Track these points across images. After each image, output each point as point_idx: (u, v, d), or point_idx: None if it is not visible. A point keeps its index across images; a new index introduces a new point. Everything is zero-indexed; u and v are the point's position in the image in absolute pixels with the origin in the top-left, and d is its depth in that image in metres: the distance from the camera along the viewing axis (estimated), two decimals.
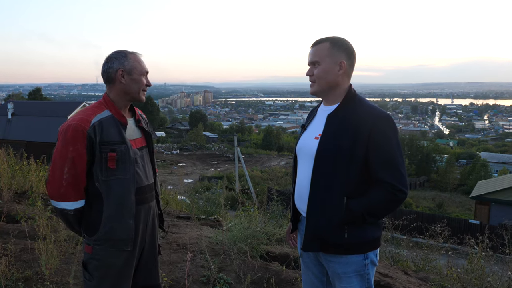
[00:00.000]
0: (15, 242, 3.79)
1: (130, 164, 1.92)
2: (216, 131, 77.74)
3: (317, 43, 1.86)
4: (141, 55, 2.03)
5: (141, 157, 2.03)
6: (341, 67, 1.82)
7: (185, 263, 3.24)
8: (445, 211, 28.11)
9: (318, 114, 1.96)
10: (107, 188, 1.89)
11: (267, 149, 56.67)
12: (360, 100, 1.84)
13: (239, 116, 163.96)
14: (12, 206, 4.97)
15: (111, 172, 1.89)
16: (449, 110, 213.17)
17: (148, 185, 2.04)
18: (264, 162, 44.77)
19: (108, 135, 1.89)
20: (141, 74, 1.98)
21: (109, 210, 1.89)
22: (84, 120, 1.87)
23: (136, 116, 2.10)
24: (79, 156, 1.84)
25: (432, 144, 60.73)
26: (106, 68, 1.97)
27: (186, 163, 43.34)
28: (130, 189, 1.92)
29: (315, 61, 1.84)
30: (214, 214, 5.83)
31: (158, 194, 2.18)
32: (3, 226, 4.22)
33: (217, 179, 34.93)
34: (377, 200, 1.74)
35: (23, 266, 3.27)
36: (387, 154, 1.73)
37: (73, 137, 1.83)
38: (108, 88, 2.00)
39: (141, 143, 2.07)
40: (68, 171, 1.83)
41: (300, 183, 1.91)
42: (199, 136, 60.24)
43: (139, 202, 1.97)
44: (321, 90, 1.87)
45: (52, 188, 1.86)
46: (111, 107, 1.97)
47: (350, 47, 1.85)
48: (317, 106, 2.03)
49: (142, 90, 2.00)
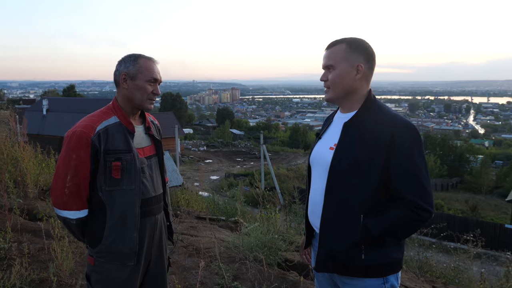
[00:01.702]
0: (34, 241, 3.82)
1: (135, 174, 1.82)
2: (243, 128, 77.87)
3: (332, 45, 1.69)
4: (155, 62, 1.90)
5: (149, 166, 1.93)
6: (358, 71, 1.65)
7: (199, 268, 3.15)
8: (479, 215, 26.98)
9: (334, 122, 1.80)
10: (110, 199, 1.80)
11: (294, 147, 56.27)
12: (380, 106, 1.66)
13: (266, 114, 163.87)
14: (36, 204, 5.04)
15: (116, 182, 1.79)
16: (484, 108, 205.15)
17: (155, 197, 1.93)
18: (290, 160, 44.45)
19: (114, 143, 1.80)
20: (147, 81, 1.85)
21: (112, 221, 1.80)
22: (89, 127, 1.78)
23: (146, 123, 2.00)
24: (82, 164, 1.76)
25: (466, 144, 58.55)
26: (115, 70, 1.89)
27: (213, 160, 43.62)
28: (135, 200, 1.82)
29: (330, 65, 1.68)
30: (234, 216, 5.73)
31: (167, 205, 2.07)
32: (25, 224, 4.27)
33: (243, 176, 34.96)
34: (398, 219, 1.56)
35: (39, 267, 3.27)
36: (409, 168, 1.55)
37: (76, 145, 1.75)
38: (117, 92, 1.91)
39: (150, 151, 1.96)
40: (71, 179, 1.76)
41: (314, 197, 1.76)
42: (226, 133, 60.51)
43: (145, 214, 1.87)
44: (336, 96, 1.70)
45: (54, 195, 1.80)
46: (119, 113, 1.87)
47: (368, 48, 1.67)
48: (333, 113, 1.87)
49: (148, 99, 1.87)
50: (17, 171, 5.69)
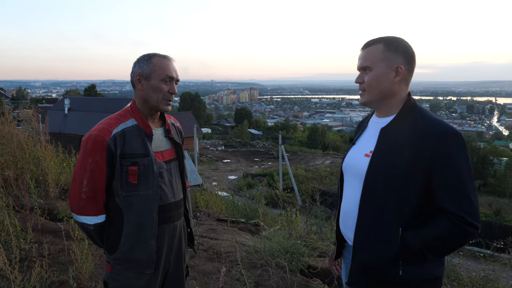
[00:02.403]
0: (54, 242, 3.81)
1: (153, 179, 1.74)
2: (261, 128, 77.79)
3: (369, 45, 1.57)
4: (170, 60, 1.81)
5: (168, 171, 1.84)
6: (397, 73, 1.52)
7: (221, 274, 3.07)
8: (503, 219, 26.18)
9: (369, 127, 1.67)
10: (127, 205, 1.73)
11: (312, 148, 55.85)
12: (422, 112, 1.53)
13: (284, 114, 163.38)
14: (56, 203, 5.05)
15: (132, 187, 1.72)
16: (509, 109, 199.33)
17: (174, 202, 1.85)
18: (308, 161, 44.13)
19: (130, 147, 1.72)
20: (162, 80, 1.76)
21: (129, 228, 1.73)
22: (105, 130, 1.71)
23: (166, 125, 1.91)
24: (98, 169, 1.70)
25: (490, 145, 56.98)
26: (131, 71, 1.82)
27: (231, 159, 43.70)
28: (152, 206, 1.74)
29: (366, 66, 1.55)
30: (254, 218, 5.64)
31: (188, 211, 1.98)
32: (46, 224, 4.28)
33: (261, 176, 34.90)
34: (440, 234, 1.42)
35: (59, 269, 3.24)
36: (454, 179, 1.41)
37: (92, 149, 1.69)
38: (134, 94, 1.84)
39: (169, 155, 1.88)
40: (87, 184, 1.70)
41: (346, 207, 1.64)
42: (244, 133, 60.55)
43: (163, 221, 1.79)
44: (373, 100, 1.58)
45: (72, 200, 1.74)
46: (137, 115, 1.79)
47: (408, 48, 1.54)
48: (368, 117, 1.74)
49: (164, 99, 1.78)
50: (38, 170, 5.73)
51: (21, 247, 3.42)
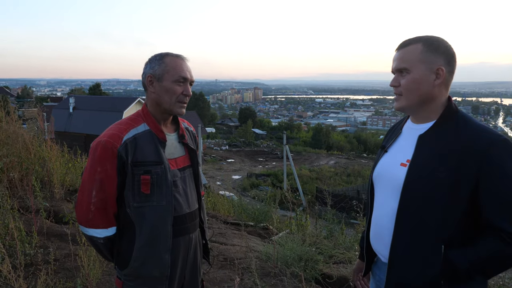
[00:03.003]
0: (60, 246, 3.70)
1: (167, 189, 1.61)
2: (265, 128, 77.65)
3: (406, 45, 1.43)
4: (184, 59, 1.68)
5: (183, 179, 1.71)
6: (438, 76, 1.39)
7: (233, 282, 2.95)
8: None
9: (404, 133, 1.53)
10: (139, 216, 1.60)
11: (316, 148, 55.67)
12: (465, 118, 1.39)
13: (288, 113, 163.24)
14: (62, 205, 4.95)
15: (145, 197, 1.59)
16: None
17: (189, 213, 1.72)
18: (313, 161, 43.95)
19: (142, 154, 1.59)
20: (175, 81, 1.63)
21: (141, 241, 1.60)
22: (115, 136, 1.58)
23: (179, 130, 1.78)
24: (108, 178, 1.57)
25: None
26: (142, 73, 1.69)
27: (235, 159, 43.60)
28: (166, 218, 1.61)
29: (403, 68, 1.41)
30: (263, 221, 5.51)
31: (203, 222, 1.85)
32: (52, 227, 4.17)
33: (265, 176, 34.78)
34: (489, 254, 1.29)
35: (65, 276, 3.13)
36: (506, 192, 1.27)
37: (101, 156, 1.56)
38: (146, 96, 1.71)
39: (183, 162, 1.74)
40: (96, 194, 1.57)
41: (379, 220, 1.50)
42: (248, 133, 60.44)
43: (178, 233, 1.66)
44: (410, 105, 1.44)
45: (79, 212, 1.61)
46: (149, 119, 1.66)
47: (449, 48, 1.41)
48: (401, 122, 1.60)
49: (178, 102, 1.65)
50: (44, 171, 5.64)
51: (26, 252, 3.31)
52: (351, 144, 62.99)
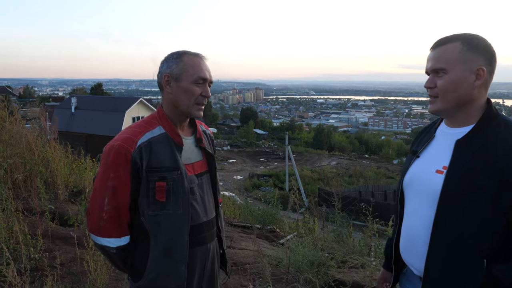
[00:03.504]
0: (65, 249, 3.62)
1: (183, 196, 1.52)
2: (267, 128, 77.55)
3: (443, 43, 1.33)
4: (203, 58, 1.59)
5: (200, 186, 1.61)
6: (478, 76, 1.29)
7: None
8: None
9: (437, 138, 1.43)
10: (154, 225, 1.50)
11: (318, 148, 55.58)
12: (506, 122, 1.30)
13: (289, 114, 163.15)
14: (66, 207, 4.87)
15: (160, 205, 1.50)
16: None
17: (207, 222, 1.62)
18: (314, 162, 43.85)
19: (158, 159, 1.50)
20: (194, 82, 1.53)
21: (156, 252, 1.51)
22: (129, 140, 1.49)
23: (197, 133, 1.68)
24: (122, 185, 1.47)
25: None
26: (157, 73, 1.59)
27: (236, 159, 43.52)
28: (183, 227, 1.52)
29: (440, 68, 1.32)
30: (270, 224, 5.43)
31: (220, 231, 1.75)
32: (56, 229, 4.09)
33: (267, 177, 34.69)
34: None
35: (72, 281, 3.05)
36: None
37: (114, 162, 1.47)
38: (161, 97, 1.62)
39: (201, 167, 1.65)
40: (109, 202, 1.47)
41: (411, 230, 1.41)
42: (249, 133, 60.35)
43: (195, 244, 1.56)
44: (448, 107, 1.34)
45: (91, 220, 1.52)
46: (165, 122, 1.57)
47: (489, 47, 1.31)
48: (433, 125, 1.50)
49: (196, 103, 1.56)
50: (47, 172, 5.56)
51: (31, 257, 3.23)
52: (353, 145, 62.90)
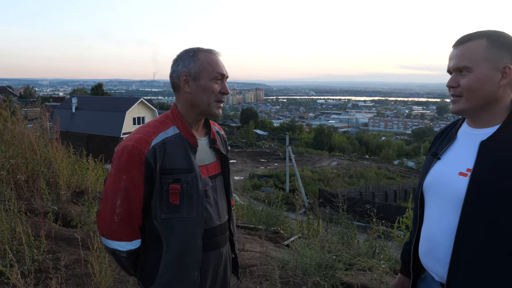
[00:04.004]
0: (68, 251, 3.58)
1: (198, 199, 1.47)
2: (267, 128, 77.56)
3: (466, 41, 1.28)
4: (217, 54, 1.54)
5: (214, 188, 1.57)
6: (504, 75, 1.24)
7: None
8: None
9: (459, 139, 1.38)
10: (167, 229, 1.46)
11: (318, 149, 55.55)
12: None
13: (290, 114, 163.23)
14: (69, 208, 4.83)
15: (174, 208, 1.45)
16: None
17: (220, 225, 1.57)
18: (315, 162, 43.80)
19: (172, 160, 1.45)
20: (213, 79, 1.49)
21: (169, 257, 1.46)
22: (143, 140, 1.43)
23: (211, 133, 1.63)
24: (134, 187, 1.43)
25: None
26: (171, 72, 1.54)
27: (237, 160, 43.47)
28: (196, 231, 1.47)
29: (464, 66, 1.27)
30: (274, 225, 5.39)
31: (233, 235, 1.71)
32: (59, 231, 4.04)
33: (267, 177, 34.64)
34: None
35: (75, 283, 3.01)
36: None
37: (127, 163, 1.41)
38: (176, 98, 1.57)
39: (214, 169, 1.60)
40: (121, 204, 1.43)
41: (433, 236, 1.35)
42: (250, 134, 60.35)
43: (208, 248, 1.52)
44: (472, 107, 1.29)
45: (102, 222, 1.47)
46: (179, 122, 1.51)
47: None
48: (454, 126, 1.45)
49: (215, 101, 1.51)
50: (50, 172, 5.52)
51: (34, 258, 3.19)
52: (353, 145, 62.91)
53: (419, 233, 1.44)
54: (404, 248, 1.63)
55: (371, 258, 3.31)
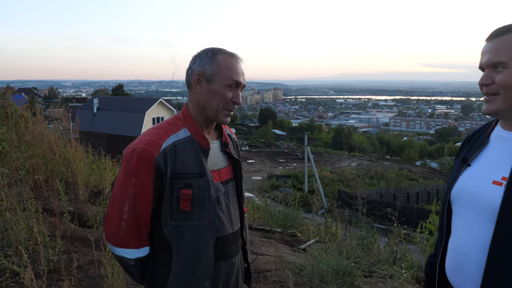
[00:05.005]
0: (83, 251, 3.58)
1: (210, 206, 1.40)
2: (285, 128, 77.24)
3: (502, 33, 1.16)
4: (238, 59, 1.45)
5: (226, 194, 1.49)
6: None
7: None
8: None
9: (492, 143, 1.26)
10: (177, 237, 1.38)
11: (337, 149, 54.96)
12: None
13: (308, 114, 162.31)
14: (86, 207, 4.85)
15: (184, 215, 1.38)
16: None
17: (232, 234, 1.50)
18: (334, 163, 43.35)
19: (183, 164, 1.38)
20: (226, 85, 1.41)
21: (179, 266, 1.39)
22: (153, 143, 1.36)
23: (223, 137, 1.55)
24: (143, 192, 1.36)
25: None
26: (187, 69, 1.47)
27: (255, 160, 43.45)
28: (208, 240, 1.40)
29: (499, 62, 1.14)
30: (291, 228, 5.29)
31: (245, 243, 1.63)
32: (76, 231, 4.06)
33: (286, 177, 34.46)
34: None
35: (89, 284, 3.00)
36: None
37: (137, 166, 1.34)
38: (188, 96, 1.50)
39: (226, 174, 1.52)
40: (129, 210, 1.36)
41: (461, 250, 1.23)
42: (268, 134, 60.19)
43: (220, 257, 1.44)
44: (508, 107, 1.17)
45: (108, 228, 1.41)
46: (190, 124, 1.44)
47: None
48: (485, 129, 1.33)
49: (225, 109, 1.43)
50: (68, 172, 5.58)
51: (50, 259, 3.19)
52: (374, 146, 62.00)
53: (446, 246, 1.32)
54: (428, 260, 1.50)
55: (392, 265, 3.17)
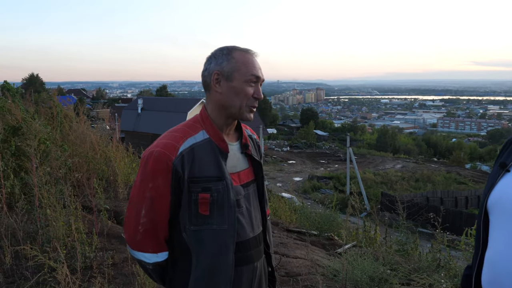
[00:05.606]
0: (119, 249, 3.65)
1: (229, 209, 1.35)
2: (327, 129, 76.15)
3: None
4: (254, 54, 1.41)
5: (246, 197, 1.43)
6: None
7: None
8: None
9: None
10: (196, 242, 1.34)
11: (381, 150, 53.38)
12: None
13: (351, 115, 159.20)
14: (124, 205, 4.98)
15: (203, 219, 1.34)
16: None
17: (254, 238, 1.43)
18: (377, 164, 42.12)
19: (201, 168, 1.34)
20: (247, 81, 1.38)
21: (199, 272, 1.34)
22: (170, 146, 1.33)
23: (243, 138, 1.50)
24: (160, 196, 1.33)
25: None
26: (203, 70, 1.43)
27: (296, 161, 43.13)
28: (228, 244, 1.35)
29: None
30: (328, 231, 5.14)
31: (269, 247, 1.56)
32: (113, 228, 4.16)
33: (327, 179, 33.93)
34: None
35: (122, 282, 3.04)
36: None
37: (154, 170, 1.32)
38: (206, 98, 1.45)
39: (247, 177, 1.46)
40: (146, 214, 1.33)
41: (500, 262, 1.11)
42: (309, 134, 59.57)
43: (241, 262, 1.39)
44: None
45: (127, 232, 1.39)
46: (209, 126, 1.40)
47: None
48: None
49: (248, 105, 1.39)
50: (109, 170, 5.77)
51: (86, 255, 3.28)
52: (420, 148, 59.64)
53: (482, 258, 1.19)
54: (465, 273, 1.37)
55: (433, 273, 2.98)
